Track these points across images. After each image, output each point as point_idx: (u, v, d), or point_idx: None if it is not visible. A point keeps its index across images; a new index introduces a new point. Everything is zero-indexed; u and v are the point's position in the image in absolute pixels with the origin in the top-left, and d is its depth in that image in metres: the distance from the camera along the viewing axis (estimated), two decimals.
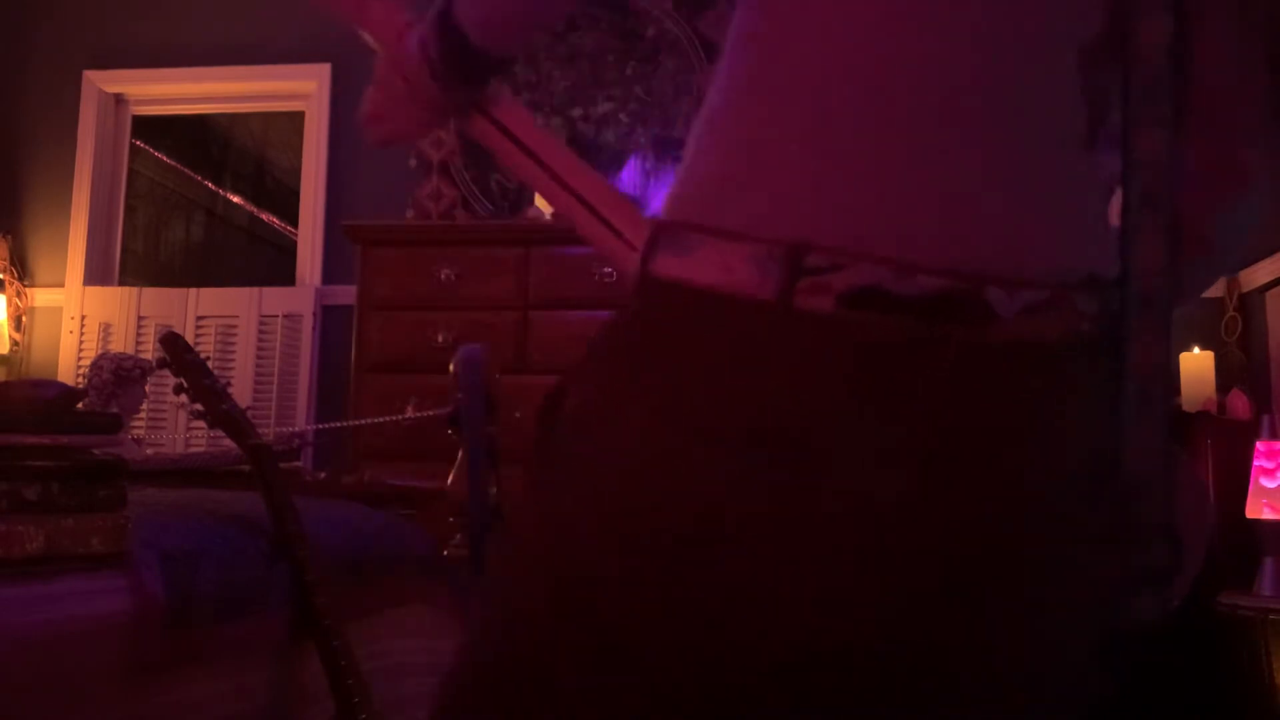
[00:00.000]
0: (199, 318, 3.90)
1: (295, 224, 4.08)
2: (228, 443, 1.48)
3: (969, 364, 0.59)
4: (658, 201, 3.45)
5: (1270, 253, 3.22)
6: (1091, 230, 0.65)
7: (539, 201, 3.49)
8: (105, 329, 3.93)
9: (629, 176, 3.61)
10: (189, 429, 3.73)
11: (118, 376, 3.03)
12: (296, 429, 3.58)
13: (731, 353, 0.60)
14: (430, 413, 2.23)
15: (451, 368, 1.89)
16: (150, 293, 4.02)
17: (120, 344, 3.84)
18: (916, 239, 0.59)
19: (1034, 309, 0.60)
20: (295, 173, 4.13)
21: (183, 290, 3.98)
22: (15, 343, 3.96)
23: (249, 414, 1.49)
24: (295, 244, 4.07)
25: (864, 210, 0.60)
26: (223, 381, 1.50)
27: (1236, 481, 2.78)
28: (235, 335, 3.86)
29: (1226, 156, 0.72)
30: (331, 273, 3.91)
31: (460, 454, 1.86)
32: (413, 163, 3.78)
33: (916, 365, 0.58)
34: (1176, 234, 0.65)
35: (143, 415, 3.62)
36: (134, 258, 5.74)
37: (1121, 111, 0.65)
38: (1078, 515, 0.62)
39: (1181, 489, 0.65)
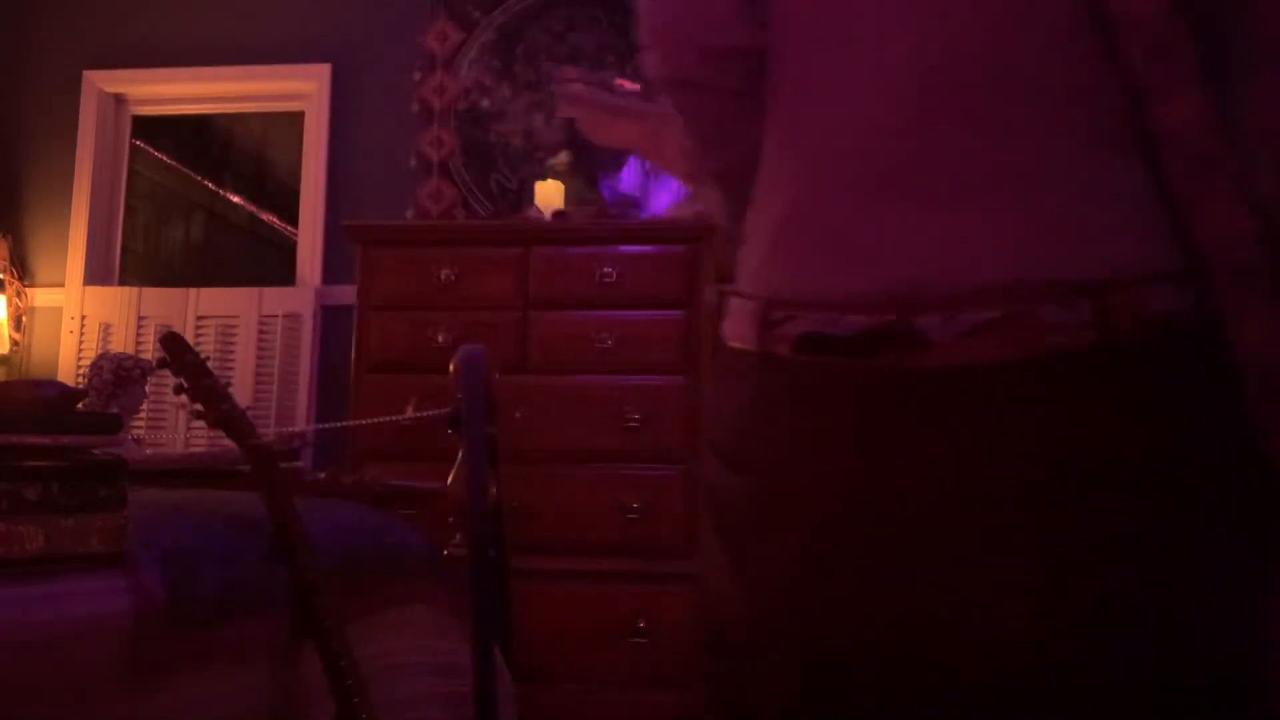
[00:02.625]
0: (199, 318, 3.90)
1: (295, 224, 4.08)
2: (228, 443, 1.48)
3: (903, 391, 0.64)
4: (658, 202, 3.45)
5: None
6: (1078, 232, 0.63)
7: (538, 201, 3.48)
8: (105, 329, 3.93)
9: (628, 176, 3.60)
10: (189, 429, 3.73)
11: (118, 376, 3.03)
12: (297, 429, 3.58)
13: (736, 391, 0.74)
14: (430, 412, 2.23)
15: (451, 368, 1.89)
16: (150, 293, 4.02)
17: (120, 344, 3.84)
18: (850, 283, 0.67)
19: (978, 330, 0.62)
20: (295, 173, 4.12)
21: (183, 290, 3.98)
22: (15, 343, 3.96)
23: (249, 414, 1.49)
24: (295, 244, 4.07)
25: (806, 267, 0.71)
26: (223, 381, 1.50)
27: None
28: (235, 335, 3.86)
29: None
30: (331, 273, 3.91)
31: (460, 454, 1.85)
32: (413, 163, 3.77)
33: (855, 394, 0.66)
34: (1254, 194, 0.61)
35: (143, 415, 3.62)
36: (134, 258, 5.73)
37: (1127, 89, 0.63)
38: (1052, 523, 0.61)
39: None
